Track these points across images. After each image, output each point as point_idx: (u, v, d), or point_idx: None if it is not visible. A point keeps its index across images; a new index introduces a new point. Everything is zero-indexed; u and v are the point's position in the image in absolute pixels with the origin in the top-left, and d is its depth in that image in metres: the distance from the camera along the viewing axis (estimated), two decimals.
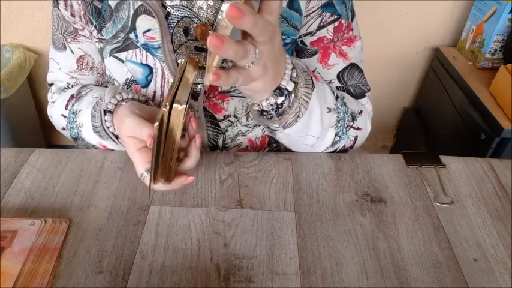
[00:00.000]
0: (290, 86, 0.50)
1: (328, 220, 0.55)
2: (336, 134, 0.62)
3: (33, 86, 1.63)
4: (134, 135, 0.51)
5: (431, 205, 0.57)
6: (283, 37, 0.63)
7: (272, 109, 0.52)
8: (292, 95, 0.51)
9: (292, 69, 0.51)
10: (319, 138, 0.60)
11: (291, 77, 0.51)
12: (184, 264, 0.49)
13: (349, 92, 0.68)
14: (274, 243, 0.52)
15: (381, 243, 0.52)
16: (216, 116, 0.66)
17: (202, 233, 0.53)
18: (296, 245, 0.51)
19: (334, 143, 0.63)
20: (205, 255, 0.50)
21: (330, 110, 0.59)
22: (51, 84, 0.74)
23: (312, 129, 0.58)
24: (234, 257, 0.50)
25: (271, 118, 0.53)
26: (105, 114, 0.57)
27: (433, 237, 0.53)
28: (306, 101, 0.53)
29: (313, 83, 0.54)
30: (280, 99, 0.51)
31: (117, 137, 0.59)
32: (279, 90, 0.50)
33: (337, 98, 0.61)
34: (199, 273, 0.48)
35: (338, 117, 0.61)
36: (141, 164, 0.51)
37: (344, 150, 0.67)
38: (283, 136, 0.59)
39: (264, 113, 0.53)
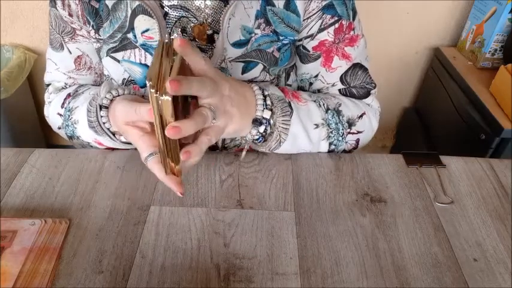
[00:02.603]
0: (267, 114, 0.55)
1: (328, 220, 0.55)
2: (331, 144, 0.64)
3: (33, 86, 1.63)
4: (130, 119, 0.51)
5: (431, 205, 0.57)
6: (281, 38, 0.63)
7: (257, 138, 0.57)
8: (271, 120, 0.56)
9: (264, 98, 0.55)
10: (311, 150, 0.64)
11: (265, 106, 0.55)
12: (184, 264, 0.49)
13: (352, 94, 0.69)
14: (274, 243, 0.52)
15: (381, 243, 0.52)
16: None
17: (202, 233, 0.53)
18: (296, 245, 0.51)
19: (330, 151, 0.65)
20: (205, 255, 0.50)
21: (317, 125, 0.62)
22: (48, 85, 0.73)
23: (301, 147, 0.63)
24: (234, 257, 0.50)
25: (256, 144, 0.59)
26: (100, 109, 0.57)
27: (433, 237, 0.53)
28: (286, 128, 0.58)
29: (291, 109, 0.58)
30: (261, 128, 0.56)
31: (113, 134, 0.59)
32: (257, 121, 0.55)
33: (327, 110, 0.63)
34: (199, 273, 0.48)
35: (329, 129, 0.63)
36: (145, 148, 0.51)
37: (348, 151, 0.68)
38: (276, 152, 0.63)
39: (250, 139, 0.58)
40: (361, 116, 0.66)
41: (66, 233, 0.52)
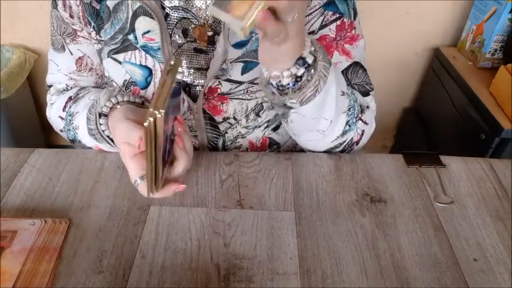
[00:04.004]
0: (310, 59, 0.51)
1: (328, 220, 0.55)
2: (347, 123, 0.61)
3: (33, 86, 1.63)
4: (129, 141, 0.51)
5: (431, 205, 0.57)
6: None
7: (291, 82, 0.52)
8: (312, 70, 0.51)
9: (311, 45, 0.51)
10: (332, 122, 0.59)
11: (310, 50, 0.51)
12: (184, 264, 0.49)
13: None
14: (274, 243, 0.52)
15: (381, 243, 0.52)
16: (216, 118, 0.65)
17: (202, 233, 0.53)
18: (296, 245, 0.51)
19: (344, 133, 0.62)
20: (205, 255, 0.50)
21: (343, 93, 0.58)
22: (50, 86, 0.73)
23: (326, 110, 0.57)
24: (234, 257, 0.50)
25: (287, 94, 0.53)
26: (100, 117, 0.57)
27: (433, 237, 0.53)
28: (325, 75, 0.53)
29: (329, 60, 0.54)
30: (300, 71, 0.51)
31: (112, 140, 0.59)
32: (302, 60, 0.51)
33: (347, 85, 0.61)
34: (199, 273, 0.48)
35: (349, 105, 0.60)
36: (135, 171, 0.50)
37: (351, 144, 0.65)
38: (297, 118, 0.57)
39: (281, 87, 0.52)
40: (367, 107, 0.65)
41: (66, 233, 0.52)
